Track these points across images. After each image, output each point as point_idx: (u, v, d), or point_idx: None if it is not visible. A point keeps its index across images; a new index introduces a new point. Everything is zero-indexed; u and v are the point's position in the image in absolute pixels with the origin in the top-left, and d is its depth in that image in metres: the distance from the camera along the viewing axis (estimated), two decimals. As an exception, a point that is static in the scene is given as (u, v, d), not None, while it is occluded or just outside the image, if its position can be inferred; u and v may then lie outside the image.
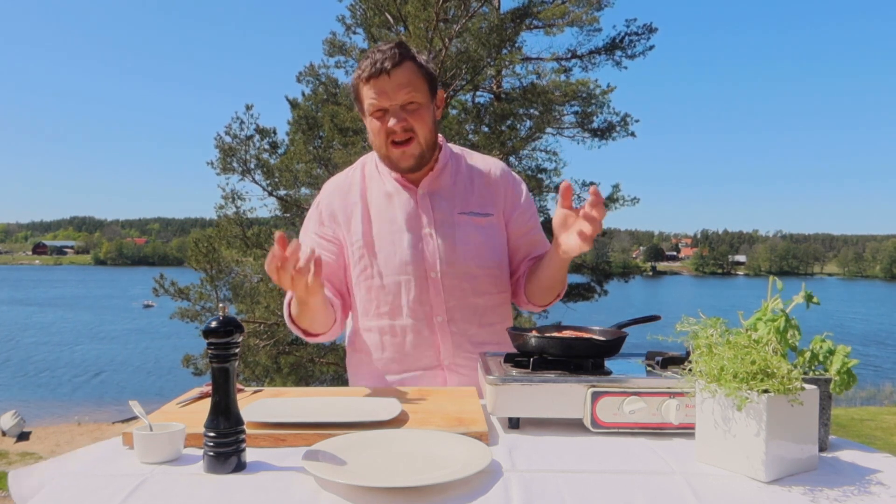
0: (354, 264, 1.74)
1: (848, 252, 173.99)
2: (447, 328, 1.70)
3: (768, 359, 1.00)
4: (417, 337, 1.70)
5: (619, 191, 13.24)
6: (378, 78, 1.60)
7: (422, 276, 1.69)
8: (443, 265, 1.69)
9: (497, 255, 1.76)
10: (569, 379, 1.22)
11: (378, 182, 1.77)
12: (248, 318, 10.80)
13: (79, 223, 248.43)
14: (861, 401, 17.23)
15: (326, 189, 1.82)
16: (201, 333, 1.04)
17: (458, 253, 1.70)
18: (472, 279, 1.71)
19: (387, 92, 1.60)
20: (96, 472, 1.03)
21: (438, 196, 1.74)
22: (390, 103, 1.61)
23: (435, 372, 1.70)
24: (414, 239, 1.70)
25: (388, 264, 1.69)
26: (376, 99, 1.61)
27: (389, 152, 1.67)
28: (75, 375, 26.63)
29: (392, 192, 1.74)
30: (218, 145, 10.81)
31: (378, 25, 11.40)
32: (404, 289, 1.69)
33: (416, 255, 1.69)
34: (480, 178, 1.79)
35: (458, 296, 1.70)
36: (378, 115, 1.64)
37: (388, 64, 1.58)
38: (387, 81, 1.59)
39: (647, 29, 13.49)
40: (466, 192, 1.77)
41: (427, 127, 1.66)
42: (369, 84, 1.61)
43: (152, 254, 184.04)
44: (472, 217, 1.74)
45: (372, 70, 1.60)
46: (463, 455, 1.04)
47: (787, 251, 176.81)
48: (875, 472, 1.03)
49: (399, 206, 1.73)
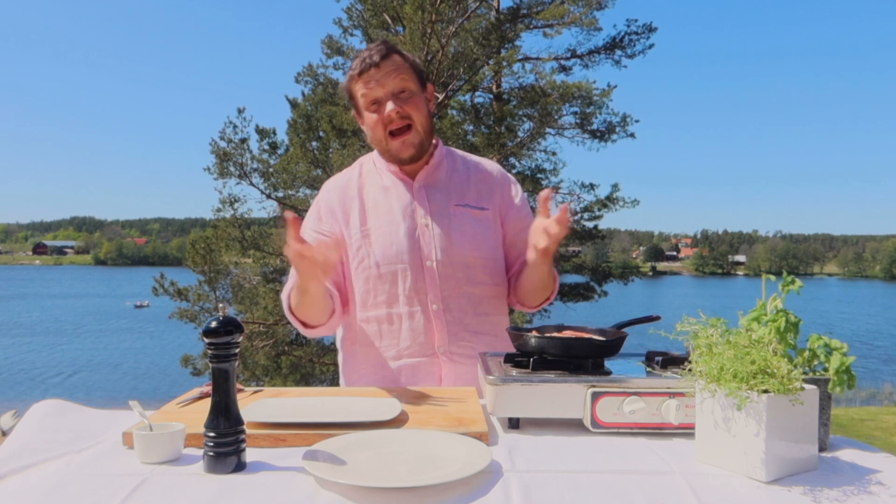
0: (353, 256, 1.76)
1: (848, 252, 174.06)
2: (442, 316, 1.71)
3: (768, 359, 1.00)
4: (413, 325, 1.71)
5: (618, 191, 13.26)
6: (368, 71, 1.66)
7: (418, 265, 1.71)
8: (438, 254, 1.71)
9: (492, 246, 1.78)
10: (569, 379, 1.22)
11: (375, 177, 1.81)
12: (248, 319, 10.81)
13: (79, 223, 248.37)
14: (861, 401, 17.23)
15: (325, 188, 1.86)
16: (201, 334, 1.04)
17: (454, 242, 1.72)
18: (467, 268, 1.73)
19: (378, 80, 1.66)
20: (96, 472, 1.03)
21: (434, 188, 1.78)
22: (383, 91, 1.66)
23: (431, 360, 1.72)
24: (410, 229, 1.72)
25: (385, 254, 1.71)
26: (369, 90, 1.66)
27: (389, 144, 1.70)
28: (71, 375, 26.61)
29: (389, 185, 1.78)
30: (213, 150, 10.83)
31: (376, 26, 11.41)
32: (401, 277, 1.71)
33: (413, 245, 1.71)
34: (476, 175, 1.84)
35: (454, 285, 1.72)
36: (374, 108, 1.68)
37: (376, 57, 1.65)
38: (376, 72, 1.65)
39: (647, 28, 13.52)
40: (462, 186, 1.80)
41: (423, 114, 1.70)
42: (360, 79, 1.67)
43: (152, 254, 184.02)
44: (468, 209, 1.77)
45: (362, 66, 1.66)
46: (463, 455, 1.04)
47: (786, 251, 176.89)
48: (875, 472, 1.03)
49: (396, 198, 1.76)
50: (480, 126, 12.45)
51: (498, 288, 1.81)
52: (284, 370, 11.01)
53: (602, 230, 13.66)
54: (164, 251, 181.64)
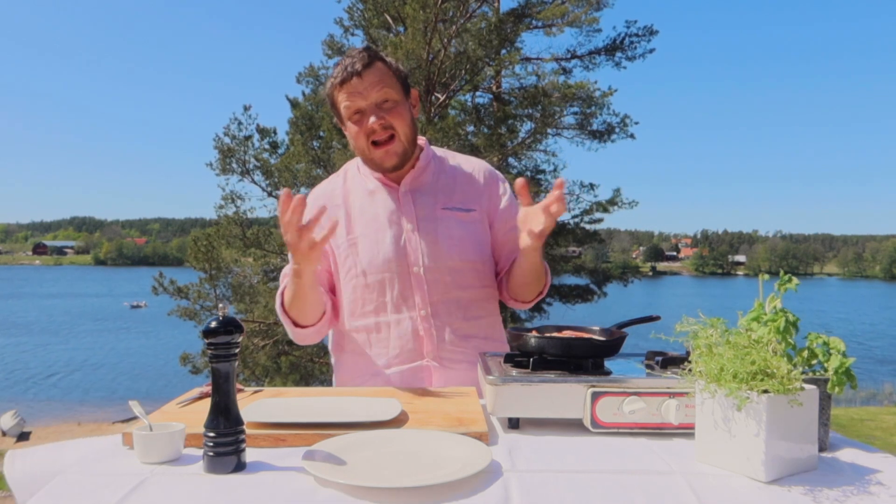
0: (341, 265, 1.75)
1: (848, 252, 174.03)
2: (431, 322, 1.70)
3: (768, 359, 1.00)
4: (402, 332, 1.70)
5: (619, 195, 13.28)
6: (350, 81, 1.62)
7: (405, 272, 1.70)
8: (425, 260, 1.70)
9: (480, 249, 1.76)
10: (569, 379, 1.22)
11: (360, 183, 1.79)
12: (248, 318, 10.81)
13: (79, 223, 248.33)
14: (861, 401, 17.23)
15: (311, 196, 1.83)
16: (201, 333, 1.04)
17: (441, 248, 1.71)
18: (455, 273, 1.72)
19: (360, 92, 1.62)
20: (96, 472, 1.03)
21: (420, 192, 1.76)
22: (366, 103, 1.63)
23: (421, 366, 1.71)
24: (396, 236, 1.71)
25: (372, 262, 1.70)
26: (351, 101, 1.63)
27: (372, 154, 1.68)
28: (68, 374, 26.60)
29: (374, 191, 1.76)
30: (217, 146, 10.84)
31: (377, 26, 11.41)
32: (388, 285, 1.70)
33: (399, 252, 1.70)
34: (463, 177, 1.81)
35: (441, 290, 1.71)
36: (356, 119, 1.65)
37: (358, 66, 1.61)
38: (359, 82, 1.61)
39: (648, 31, 13.50)
40: (449, 188, 1.78)
41: (406, 123, 1.67)
42: (342, 89, 1.64)
43: (152, 254, 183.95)
44: (454, 212, 1.75)
45: (344, 75, 1.62)
46: (463, 455, 1.04)
47: (786, 251, 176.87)
48: (875, 472, 1.03)
49: (381, 205, 1.74)
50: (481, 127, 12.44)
51: (487, 290, 1.79)
52: (284, 370, 11.02)
53: (602, 232, 13.67)
54: (165, 251, 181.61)
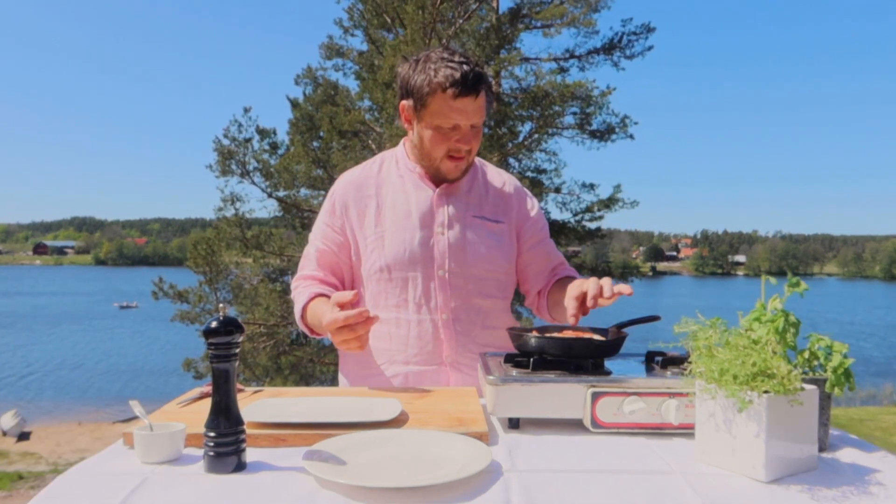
0: (367, 258, 1.74)
1: (847, 252, 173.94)
2: (451, 327, 1.71)
3: (768, 360, 1.00)
4: (422, 332, 1.70)
5: (620, 192, 13.27)
6: (464, 98, 1.58)
7: (429, 273, 1.70)
8: (451, 264, 1.70)
9: (505, 260, 1.78)
10: (569, 379, 1.22)
11: (396, 178, 1.78)
12: (248, 319, 10.81)
13: (79, 223, 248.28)
14: (861, 401, 17.23)
15: (342, 181, 1.82)
16: (201, 334, 1.04)
17: (468, 254, 1.72)
18: (478, 281, 1.73)
19: (467, 112, 1.61)
20: (96, 472, 1.03)
21: (454, 197, 1.76)
22: (466, 122, 1.62)
23: (438, 369, 1.71)
24: (426, 236, 1.71)
25: (398, 259, 1.70)
26: (454, 116, 1.60)
27: (443, 164, 1.69)
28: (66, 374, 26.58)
29: (410, 189, 1.76)
30: (217, 148, 10.83)
31: (376, 27, 11.41)
32: (411, 284, 1.70)
33: (426, 253, 1.70)
34: (495, 189, 1.83)
35: (463, 296, 1.72)
36: (445, 130, 1.63)
37: (478, 86, 1.59)
38: (471, 102, 1.60)
39: (646, 29, 13.49)
40: (481, 198, 1.80)
41: (479, 143, 1.70)
42: (449, 98, 1.58)
43: (153, 254, 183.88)
44: (484, 221, 1.77)
45: (456, 88, 1.57)
46: (463, 455, 1.04)
47: (786, 251, 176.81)
48: (875, 472, 1.03)
49: (415, 203, 1.74)
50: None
51: (506, 302, 1.81)
52: (284, 370, 11.02)
53: (602, 230, 13.67)
54: (165, 251, 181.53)
